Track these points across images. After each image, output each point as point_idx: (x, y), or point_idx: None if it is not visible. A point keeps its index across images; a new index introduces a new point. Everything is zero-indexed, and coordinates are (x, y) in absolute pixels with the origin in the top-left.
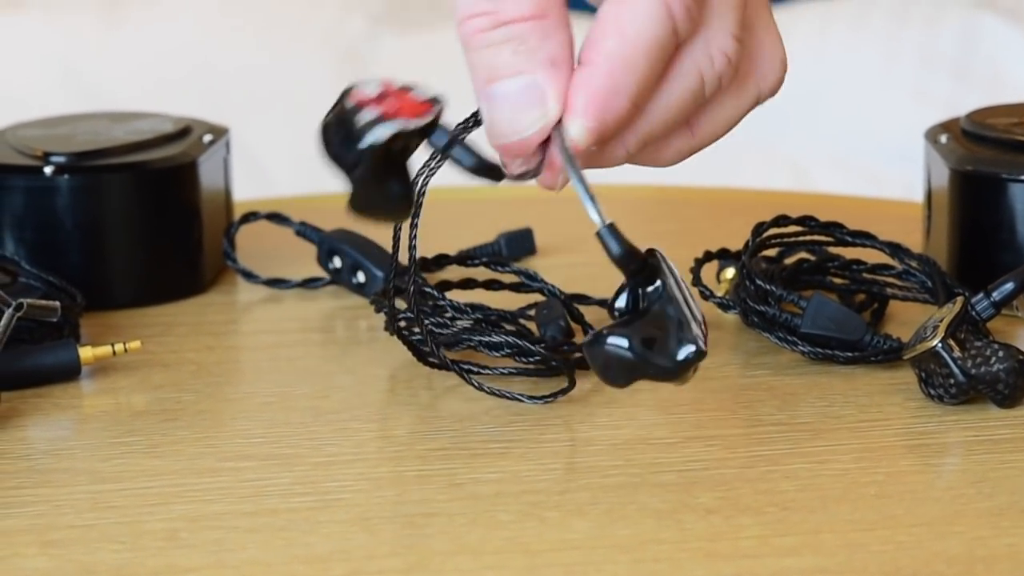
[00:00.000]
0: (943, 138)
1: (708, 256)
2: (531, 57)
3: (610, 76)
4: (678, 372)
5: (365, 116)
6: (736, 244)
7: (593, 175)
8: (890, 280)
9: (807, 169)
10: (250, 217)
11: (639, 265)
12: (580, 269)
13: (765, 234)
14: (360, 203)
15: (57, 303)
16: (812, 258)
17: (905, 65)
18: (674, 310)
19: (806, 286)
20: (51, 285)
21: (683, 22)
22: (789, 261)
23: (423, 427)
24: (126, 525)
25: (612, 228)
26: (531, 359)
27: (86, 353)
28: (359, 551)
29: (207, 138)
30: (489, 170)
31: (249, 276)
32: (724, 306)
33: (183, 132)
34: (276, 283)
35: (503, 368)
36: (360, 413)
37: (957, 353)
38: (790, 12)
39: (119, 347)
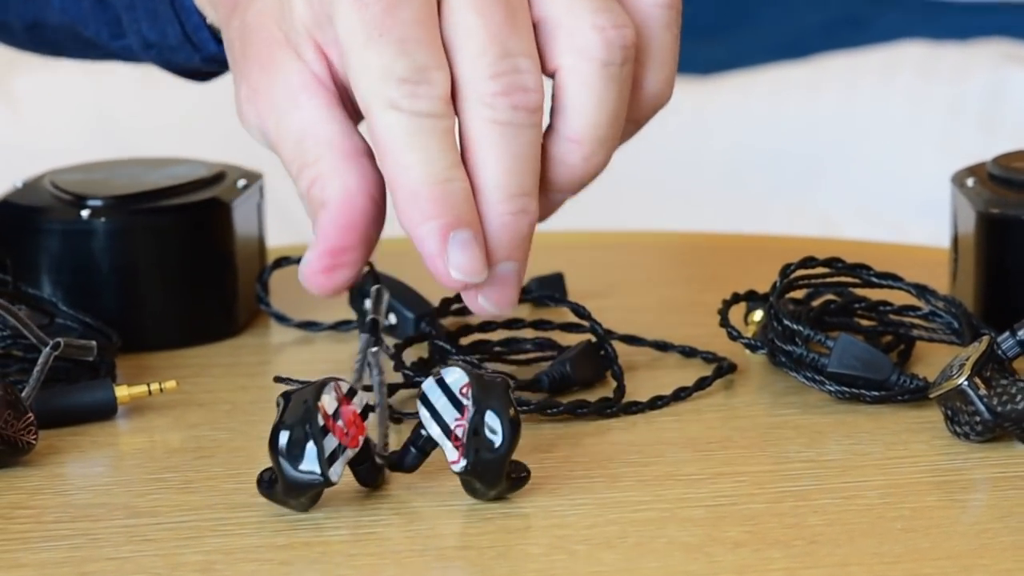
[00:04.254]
0: (969, 181)
1: (736, 298)
2: None
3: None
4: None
5: (329, 444)
6: (763, 288)
7: (615, 222)
8: (916, 321)
9: (835, 220)
10: (283, 262)
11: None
12: (612, 313)
13: (792, 275)
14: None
15: (93, 343)
16: (839, 299)
17: (933, 117)
18: None
19: (833, 327)
20: (87, 326)
21: None
22: (816, 302)
23: None
24: (162, 557)
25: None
26: None
27: (122, 392)
28: None
29: (241, 183)
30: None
31: (282, 319)
32: (752, 347)
33: (217, 177)
34: (308, 326)
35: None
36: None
37: (983, 391)
38: (818, 65)
39: (155, 387)
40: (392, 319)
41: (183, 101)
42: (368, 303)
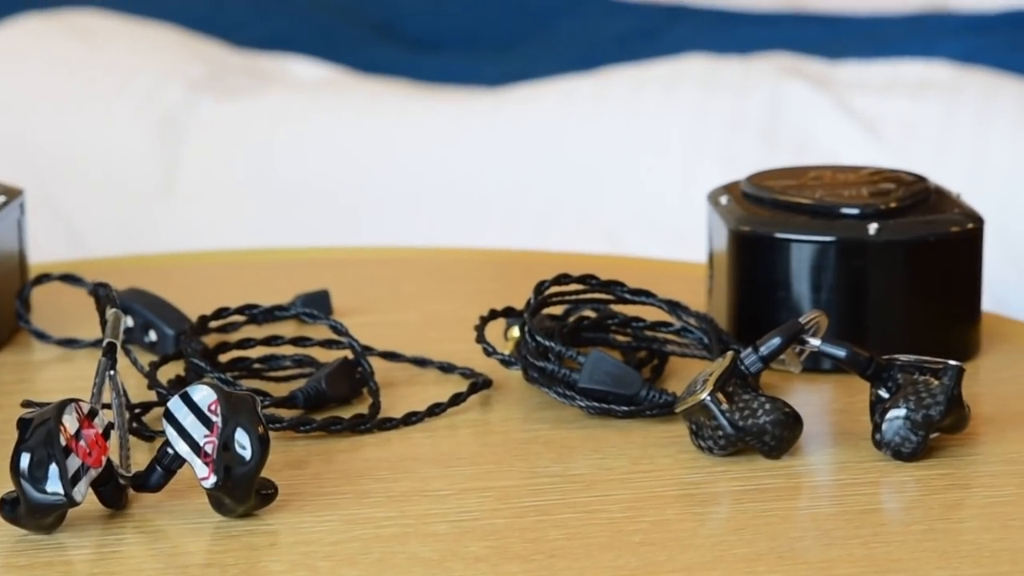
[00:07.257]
0: (723, 199)
1: (494, 314)
2: None
3: None
4: None
5: (72, 464)
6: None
7: (404, 238)
8: (669, 336)
9: (619, 233)
10: (43, 278)
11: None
12: (376, 329)
13: (546, 292)
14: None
15: None
16: (593, 316)
17: (714, 130)
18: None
19: (589, 343)
20: None
21: None
22: (572, 319)
23: None
24: None
25: None
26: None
27: None
28: None
29: None
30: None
31: (42, 336)
32: (506, 363)
33: None
34: (68, 343)
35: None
36: (139, 468)
37: (725, 406)
38: (602, 78)
39: None
40: (152, 336)
41: None
42: (129, 320)
